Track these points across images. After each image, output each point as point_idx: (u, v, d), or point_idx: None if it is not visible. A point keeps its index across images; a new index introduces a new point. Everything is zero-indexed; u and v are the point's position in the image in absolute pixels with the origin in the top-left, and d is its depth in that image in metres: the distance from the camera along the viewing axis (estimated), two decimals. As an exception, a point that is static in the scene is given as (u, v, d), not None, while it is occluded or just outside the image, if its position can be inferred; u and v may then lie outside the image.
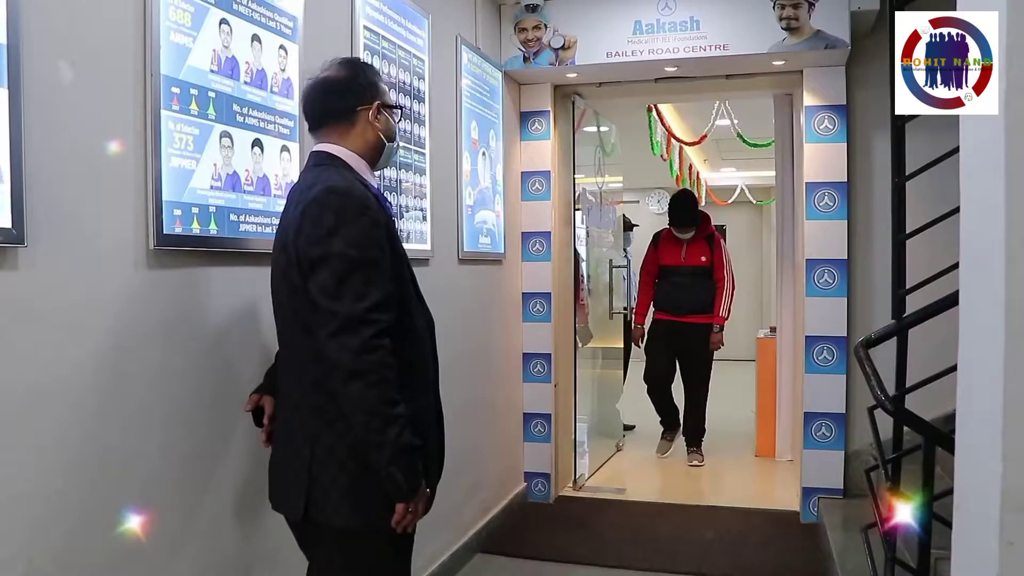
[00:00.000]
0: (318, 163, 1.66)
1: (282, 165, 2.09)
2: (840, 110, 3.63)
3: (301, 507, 1.58)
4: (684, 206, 4.98)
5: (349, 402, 1.48)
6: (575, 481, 4.36)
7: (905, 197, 2.53)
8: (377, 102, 1.70)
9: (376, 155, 1.73)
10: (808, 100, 3.68)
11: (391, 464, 1.49)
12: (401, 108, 1.80)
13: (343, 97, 1.68)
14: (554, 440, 4.13)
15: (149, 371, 1.68)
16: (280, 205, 1.92)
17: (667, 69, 3.81)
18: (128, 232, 1.63)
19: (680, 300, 4.90)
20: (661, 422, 5.17)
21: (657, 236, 5.16)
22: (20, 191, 1.35)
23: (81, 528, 1.51)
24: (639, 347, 5.26)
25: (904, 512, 2.23)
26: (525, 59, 3.80)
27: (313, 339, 1.51)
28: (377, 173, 1.80)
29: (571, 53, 3.73)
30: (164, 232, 1.69)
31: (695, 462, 4.89)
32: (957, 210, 1.19)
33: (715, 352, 4.99)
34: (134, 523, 1.63)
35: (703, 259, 4.91)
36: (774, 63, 3.66)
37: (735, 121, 6.34)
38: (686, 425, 5.02)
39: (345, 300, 1.47)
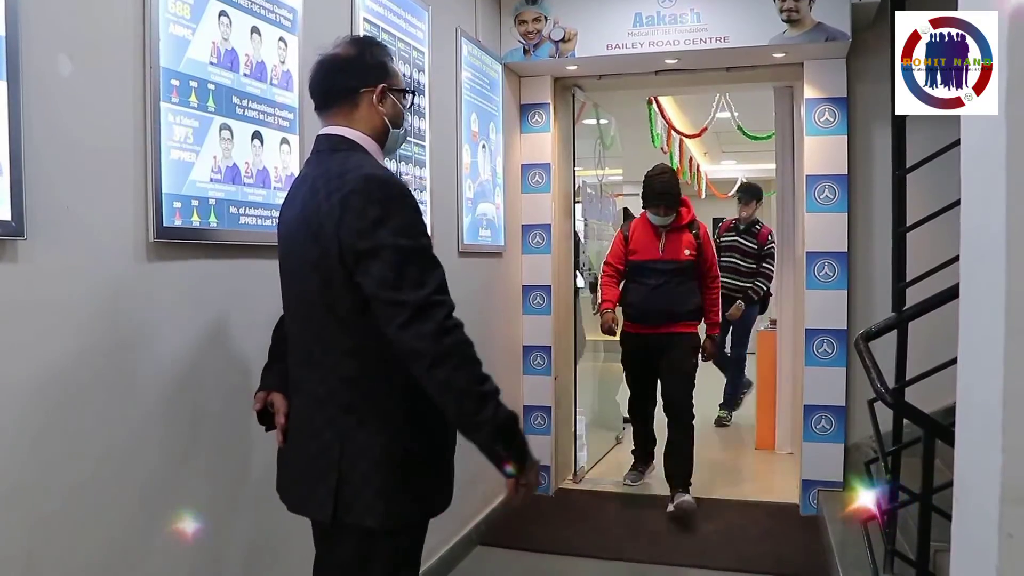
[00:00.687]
0: (335, 148, 1.57)
1: (282, 158, 2.09)
2: (841, 103, 3.62)
3: (330, 507, 1.49)
4: (662, 180, 3.93)
5: (437, 388, 1.42)
6: (575, 473, 4.37)
7: (905, 190, 2.53)
8: (382, 84, 1.60)
9: (382, 140, 1.64)
10: (808, 93, 3.67)
11: (495, 442, 1.43)
12: (413, 92, 1.75)
13: (347, 77, 1.59)
14: (554, 433, 4.14)
15: (149, 363, 1.68)
16: (280, 197, 1.92)
17: (667, 61, 3.80)
18: (128, 225, 1.63)
19: (653, 307, 3.86)
20: (634, 451, 4.34)
21: (628, 223, 4.17)
22: (19, 184, 1.35)
23: (80, 523, 1.52)
24: (614, 335, 4.05)
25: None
26: (525, 51, 3.79)
27: (349, 334, 1.48)
28: None
29: (571, 45, 3.72)
30: (164, 225, 1.69)
31: (683, 506, 3.72)
32: (957, 203, 1.19)
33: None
34: (134, 518, 1.64)
35: (687, 252, 3.87)
36: (774, 55, 3.66)
37: (735, 114, 6.34)
38: (672, 465, 3.87)
39: (407, 289, 1.41)
